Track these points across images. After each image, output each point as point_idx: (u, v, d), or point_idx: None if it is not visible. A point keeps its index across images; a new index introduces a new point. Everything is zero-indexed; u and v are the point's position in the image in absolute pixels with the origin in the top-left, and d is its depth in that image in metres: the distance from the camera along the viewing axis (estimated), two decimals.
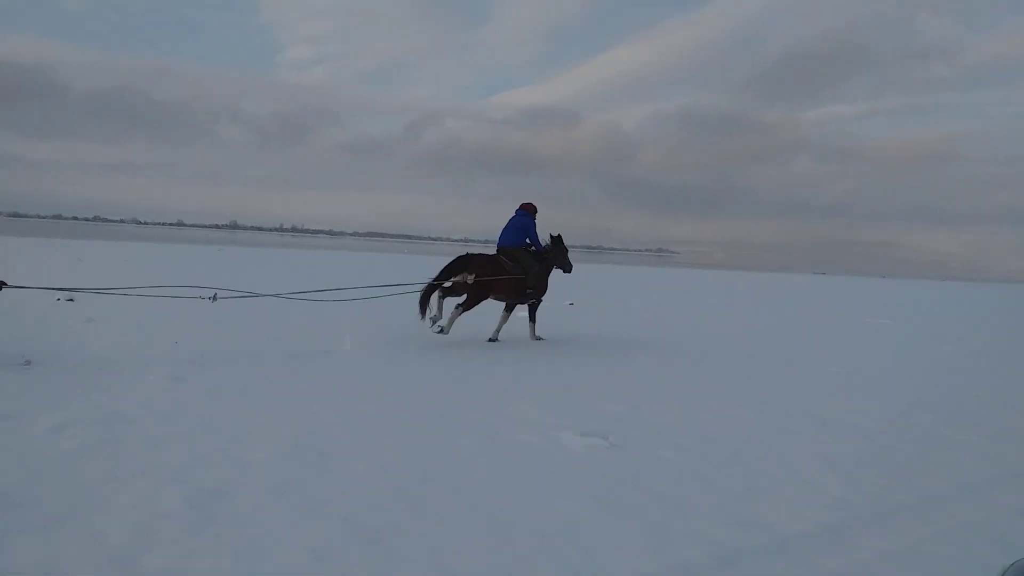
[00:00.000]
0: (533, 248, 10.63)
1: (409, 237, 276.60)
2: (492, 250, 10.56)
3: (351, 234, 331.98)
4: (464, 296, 9.97)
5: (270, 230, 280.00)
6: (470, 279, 9.81)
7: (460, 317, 9.72)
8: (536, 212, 10.80)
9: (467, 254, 10.25)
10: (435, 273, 9.96)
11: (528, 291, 10.38)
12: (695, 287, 30.46)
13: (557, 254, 11.00)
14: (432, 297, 9.77)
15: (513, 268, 10.22)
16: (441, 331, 9.61)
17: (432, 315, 9.69)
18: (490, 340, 10.07)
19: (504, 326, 10.35)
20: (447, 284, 9.88)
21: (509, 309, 10.50)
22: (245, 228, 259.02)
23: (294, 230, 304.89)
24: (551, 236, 10.96)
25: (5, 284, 7.32)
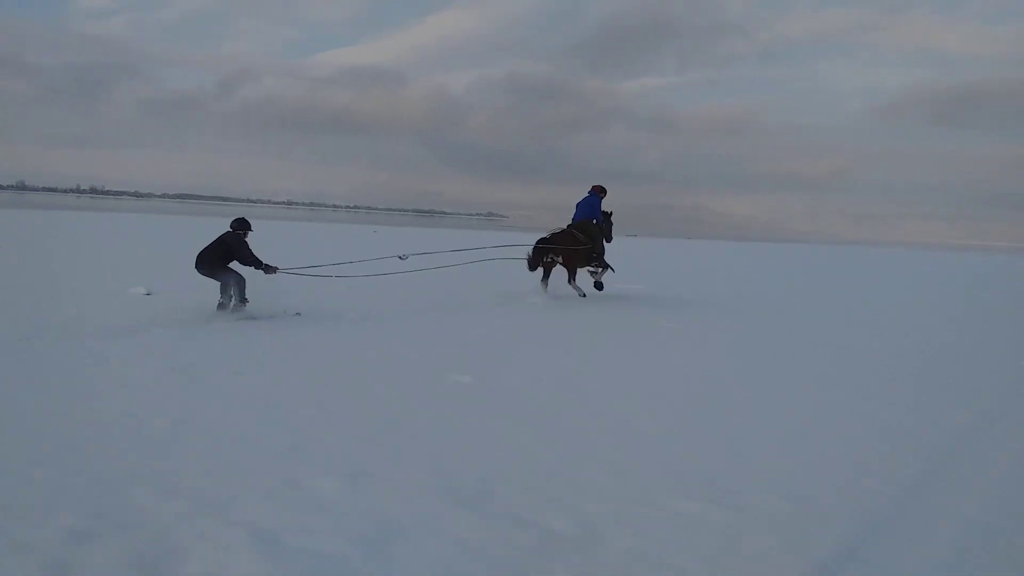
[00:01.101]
0: (595, 222, 13.27)
1: (226, 199, 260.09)
2: None
3: (159, 196, 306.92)
4: (553, 261, 12.92)
5: (65, 191, 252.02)
6: (559, 260, 12.84)
7: (573, 283, 12.89)
8: (605, 193, 13.55)
9: (556, 233, 12.94)
10: (531, 251, 12.91)
11: (594, 257, 13.22)
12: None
13: (607, 228, 13.59)
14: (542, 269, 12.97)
15: (585, 240, 12.95)
16: (579, 291, 12.92)
17: (543, 280, 12.93)
18: (581, 296, 12.86)
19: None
20: (550, 258, 12.88)
21: (571, 269, 12.96)
22: (36, 189, 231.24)
23: (93, 191, 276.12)
24: (604, 213, 13.54)
25: (278, 269, 10.29)
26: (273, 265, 10.15)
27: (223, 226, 10.30)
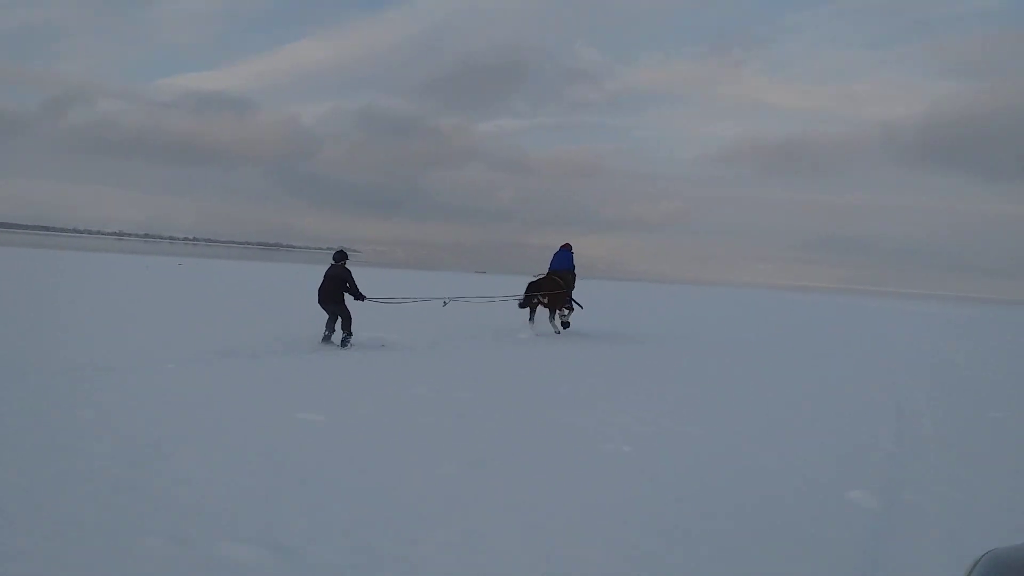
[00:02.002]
0: (569, 271, 16.53)
1: (49, 229, 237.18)
2: None
3: None
4: (542, 305, 16.20)
5: None
6: (544, 300, 16.12)
7: (547, 318, 16.13)
8: (572, 249, 16.98)
9: (539, 279, 16.30)
10: (522, 293, 16.37)
11: (568, 298, 16.28)
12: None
13: (572, 277, 16.59)
14: (529, 308, 16.27)
15: (563, 285, 16.16)
16: (556, 331, 16.07)
17: (530, 319, 16.22)
18: (555, 331, 16.02)
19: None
20: (537, 299, 16.13)
21: (552, 310, 16.19)
22: None
23: None
24: (563, 269, 16.54)
25: (366, 297, 12.04)
26: (365, 296, 12.06)
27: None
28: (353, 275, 11.60)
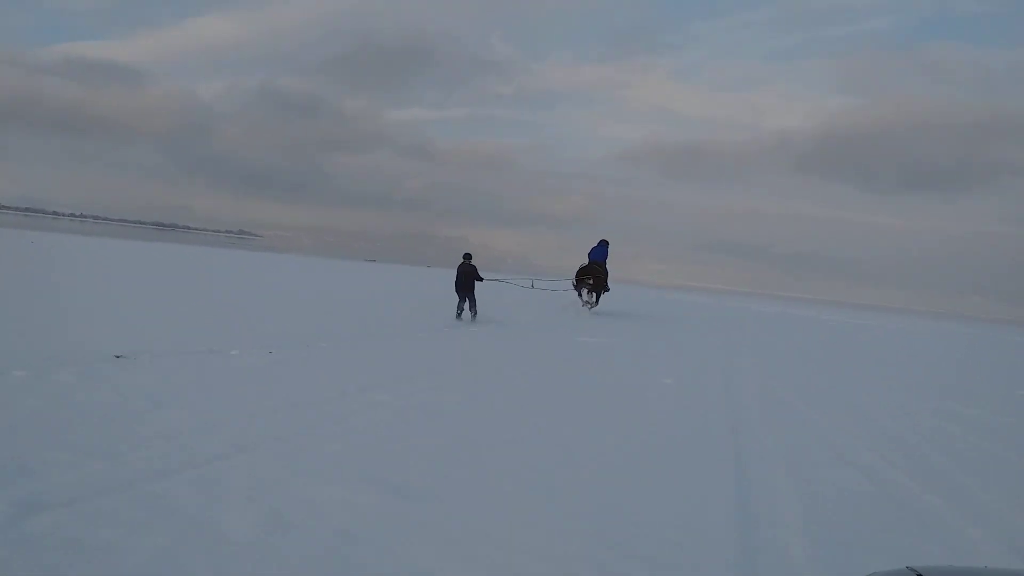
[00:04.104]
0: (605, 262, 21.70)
1: None
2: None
3: None
4: (588, 288, 21.27)
5: None
6: (590, 281, 21.02)
7: (591, 299, 21.46)
8: (609, 244, 21.99)
9: (586, 266, 21.30)
10: (575, 278, 21.66)
11: (606, 283, 21.49)
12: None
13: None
14: (581, 291, 21.47)
15: (601, 272, 21.22)
16: (590, 307, 21.42)
17: (584, 300, 21.50)
18: (588, 307, 21.35)
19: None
20: (587, 282, 21.24)
21: (592, 292, 21.27)
22: None
23: None
24: (601, 260, 21.77)
25: (483, 279, 16.93)
26: (483, 278, 17.05)
27: None
28: (477, 269, 16.54)
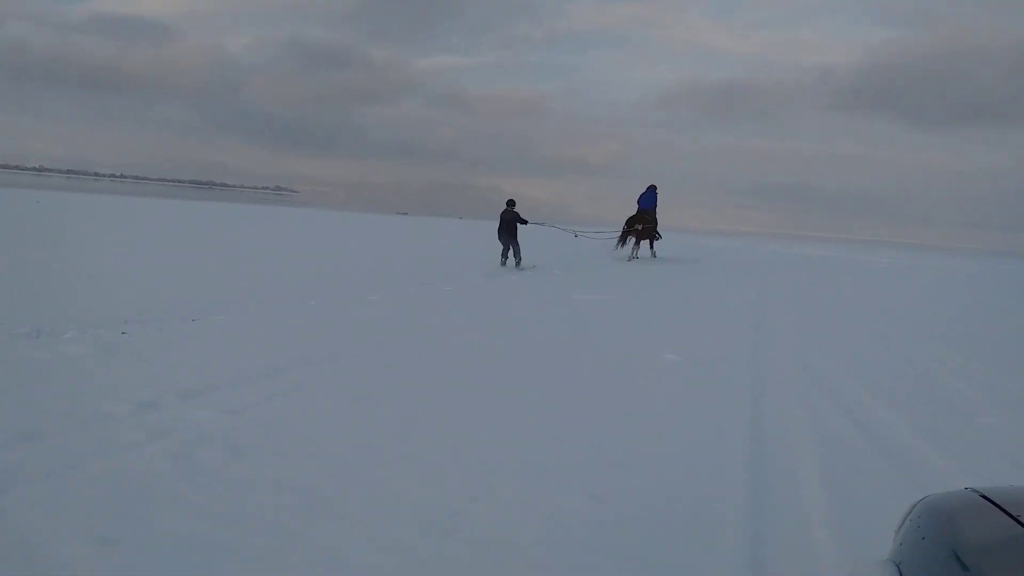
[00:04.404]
0: (654, 209, 20.75)
1: None
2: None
3: None
4: (634, 238, 20.53)
5: None
6: (638, 228, 20.29)
7: (637, 249, 20.63)
8: (657, 189, 20.95)
9: (636, 215, 20.45)
10: (621, 227, 20.88)
11: (655, 232, 20.83)
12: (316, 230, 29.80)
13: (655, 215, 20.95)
14: (624, 240, 20.73)
15: (651, 220, 20.58)
16: (652, 255, 20.91)
17: (625, 249, 20.68)
18: (636, 258, 20.43)
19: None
20: (633, 232, 20.44)
21: (640, 240, 20.58)
22: None
23: None
24: (651, 207, 20.75)
25: (528, 221, 17.17)
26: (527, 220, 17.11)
27: None
28: (520, 214, 16.75)
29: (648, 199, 20.84)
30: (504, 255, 16.74)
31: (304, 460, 3.91)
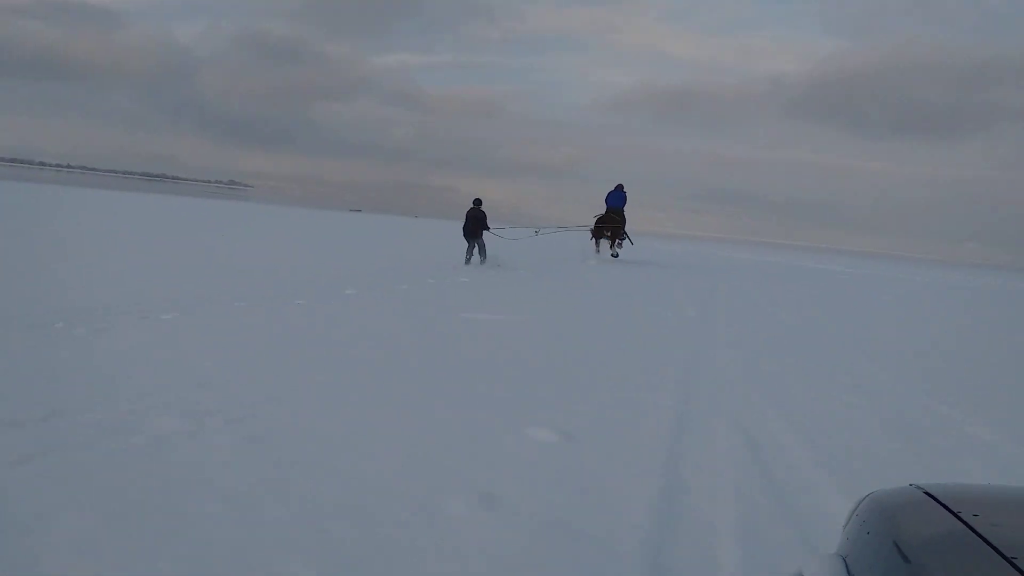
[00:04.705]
0: (622, 209, 20.87)
1: None
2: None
3: None
4: (606, 236, 20.76)
5: None
6: (607, 233, 20.58)
7: (606, 246, 20.92)
8: (624, 187, 21.15)
9: (604, 215, 20.68)
10: (592, 226, 21.03)
11: (623, 232, 20.96)
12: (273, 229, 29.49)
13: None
14: (599, 240, 20.95)
15: (620, 219, 20.76)
16: (614, 256, 20.84)
17: (603, 250, 20.91)
18: (613, 256, 20.81)
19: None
20: (601, 231, 20.83)
21: (611, 241, 20.72)
22: None
23: None
24: (619, 207, 20.94)
25: (490, 228, 17.42)
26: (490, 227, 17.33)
27: None
28: (487, 215, 16.94)
29: (616, 198, 20.71)
30: (469, 252, 16.92)
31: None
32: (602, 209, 20.96)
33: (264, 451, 3.69)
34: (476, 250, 16.92)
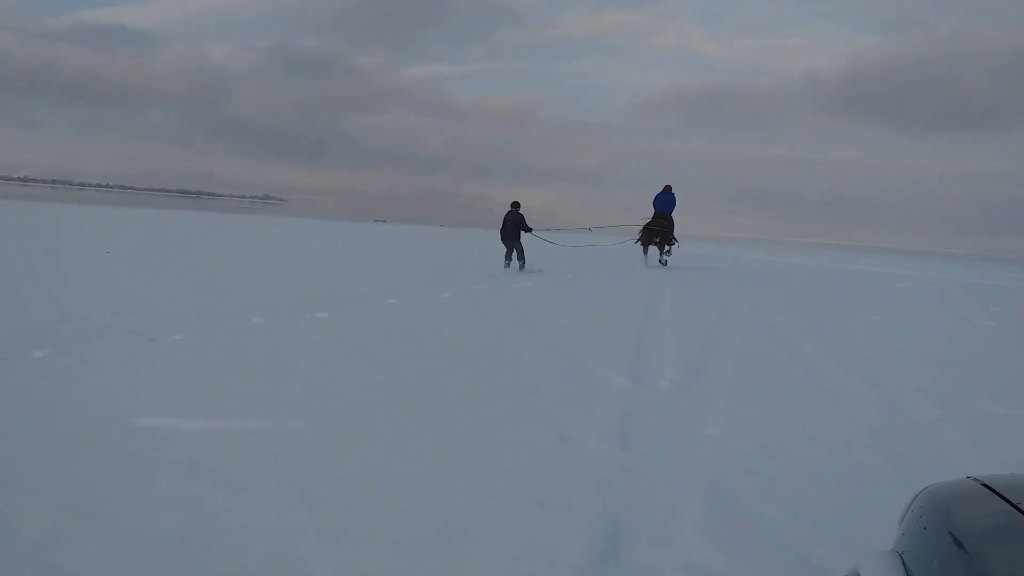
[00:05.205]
0: (670, 214, 19.20)
1: None
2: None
3: None
4: (655, 242, 19.12)
5: None
6: (656, 240, 18.99)
7: (655, 253, 19.34)
8: (672, 188, 19.42)
9: (653, 220, 19.03)
10: (640, 231, 19.35)
11: (672, 238, 19.28)
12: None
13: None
14: (647, 246, 19.19)
15: (668, 223, 19.05)
16: (662, 263, 19.44)
17: (652, 256, 19.34)
18: (661, 263, 19.36)
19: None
20: (653, 239, 19.12)
21: (661, 247, 19.18)
22: None
23: None
24: (667, 211, 19.29)
25: (532, 230, 16.60)
26: (531, 228, 16.49)
27: None
28: (525, 217, 16.14)
29: (665, 201, 19.20)
30: (508, 257, 16.18)
31: None
32: (650, 212, 19.40)
33: None
34: (515, 255, 16.16)
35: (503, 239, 16.11)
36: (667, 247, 19.33)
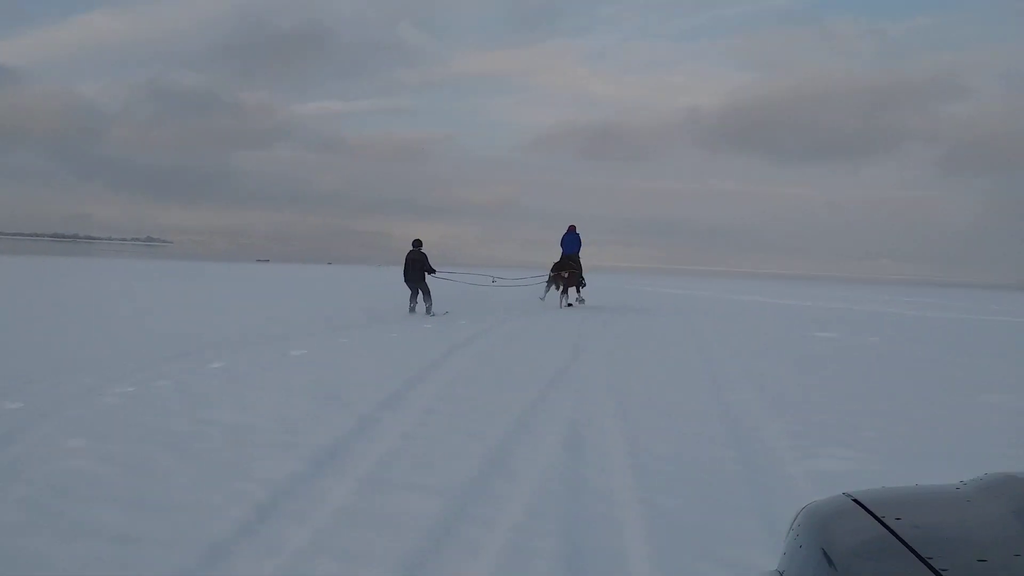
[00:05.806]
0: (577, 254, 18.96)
1: None
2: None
3: None
4: (561, 284, 18.67)
5: None
6: (565, 275, 18.48)
7: (559, 294, 18.88)
8: (577, 228, 19.12)
9: (562, 260, 18.60)
10: (547, 274, 19.18)
11: (581, 279, 18.98)
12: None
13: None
14: (551, 286, 19.04)
15: (576, 265, 18.75)
16: (570, 305, 18.90)
17: (548, 294, 19.29)
18: (569, 305, 18.74)
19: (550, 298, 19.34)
20: (559, 279, 18.64)
21: (565, 289, 18.69)
22: None
23: None
24: (574, 251, 18.94)
25: (436, 271, 15.47)
26: (435, 269, 15.31)
27: None
28: (428, 257, 15.01)
29: (571, 242, 18.81)
30: (413, 299, 15.11)
31: None
32: (557, 253, 18.93)
33: None
34: (419, 296, 15.11)
35: (406, 281, 15.08)
36: (578, 288, 18.97)
